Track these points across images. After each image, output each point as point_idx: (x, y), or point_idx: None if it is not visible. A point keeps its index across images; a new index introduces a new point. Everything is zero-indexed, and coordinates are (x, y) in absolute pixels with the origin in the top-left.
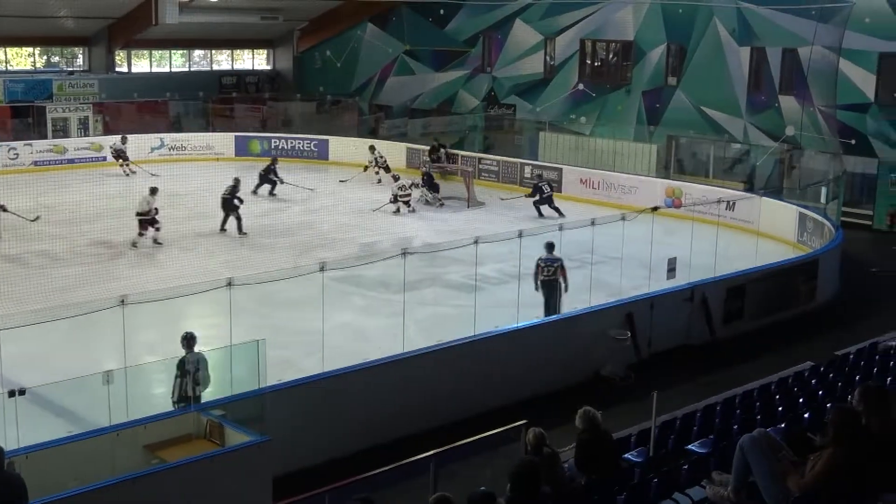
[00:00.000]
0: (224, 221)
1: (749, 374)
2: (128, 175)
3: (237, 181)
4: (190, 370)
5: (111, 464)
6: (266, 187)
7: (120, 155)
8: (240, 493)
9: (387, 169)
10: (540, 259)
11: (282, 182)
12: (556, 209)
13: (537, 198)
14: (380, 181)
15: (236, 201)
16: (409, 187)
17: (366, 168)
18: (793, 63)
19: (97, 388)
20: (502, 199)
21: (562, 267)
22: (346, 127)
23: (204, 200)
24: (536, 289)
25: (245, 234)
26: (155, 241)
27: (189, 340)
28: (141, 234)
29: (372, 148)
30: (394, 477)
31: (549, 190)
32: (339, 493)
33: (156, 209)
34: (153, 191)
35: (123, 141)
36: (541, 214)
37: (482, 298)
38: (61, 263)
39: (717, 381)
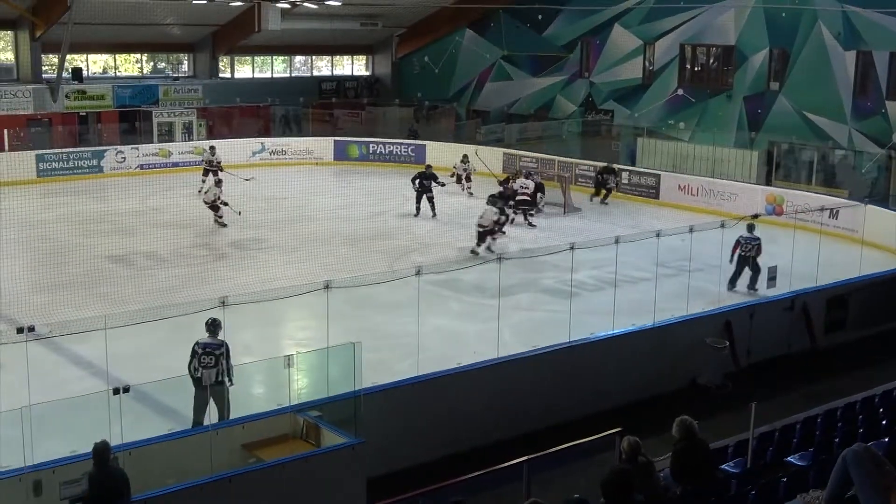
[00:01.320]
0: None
1: (852, 386)
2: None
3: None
4: (198, 351)
5: (209, 462)
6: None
7: (211, 168)
8: (334, 493)
9: (468, 179)
10: (741, 237)
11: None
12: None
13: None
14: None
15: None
16: (533, 197)
17: (458, 178)
18: None
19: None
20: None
21: (759, 246)
22: (443, 132)
23: (304, 204)
24: (731, 261)
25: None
26: (489, 248)
27: (209, 326)
28: (495, 237)
29: (465, 157)
30: (487, 481)
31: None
32: (433, 496)
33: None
34: (493, 200)
35: (212, 152)
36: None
37: (577, 304)
38: (165, 265)
39: (819, 392)
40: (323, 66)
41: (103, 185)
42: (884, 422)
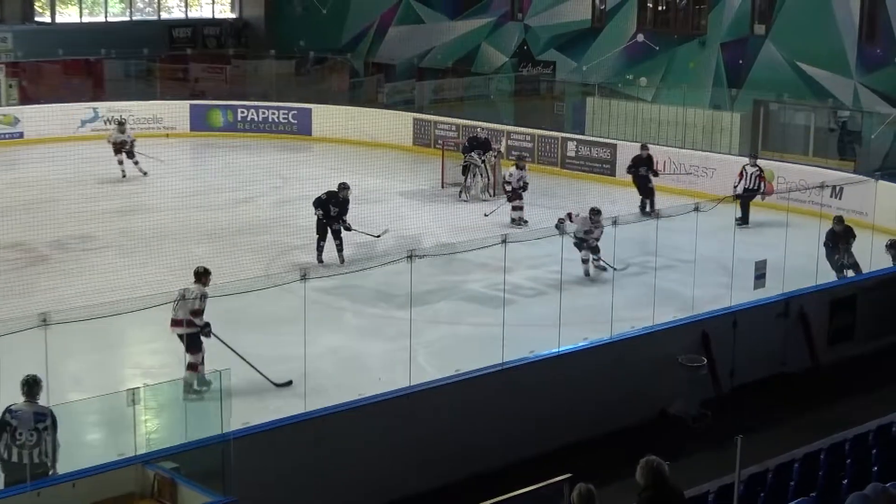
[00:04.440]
0: None
1: (862, 413)
2: (145, 174)
3: None
4: (13, 424)
5: None
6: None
7: (122, 148)
8: None
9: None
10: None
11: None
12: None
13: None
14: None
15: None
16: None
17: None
18: None
19: None
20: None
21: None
22: (334, 92)
23: (146, 189)
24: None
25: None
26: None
27: (28, 386)
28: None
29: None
30: None
31: None
32: None
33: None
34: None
35: (121, 129)
36: None
37: (513, 315)
38: None
39: (821, 421)
40: (174, 8)
41: None
42: None
